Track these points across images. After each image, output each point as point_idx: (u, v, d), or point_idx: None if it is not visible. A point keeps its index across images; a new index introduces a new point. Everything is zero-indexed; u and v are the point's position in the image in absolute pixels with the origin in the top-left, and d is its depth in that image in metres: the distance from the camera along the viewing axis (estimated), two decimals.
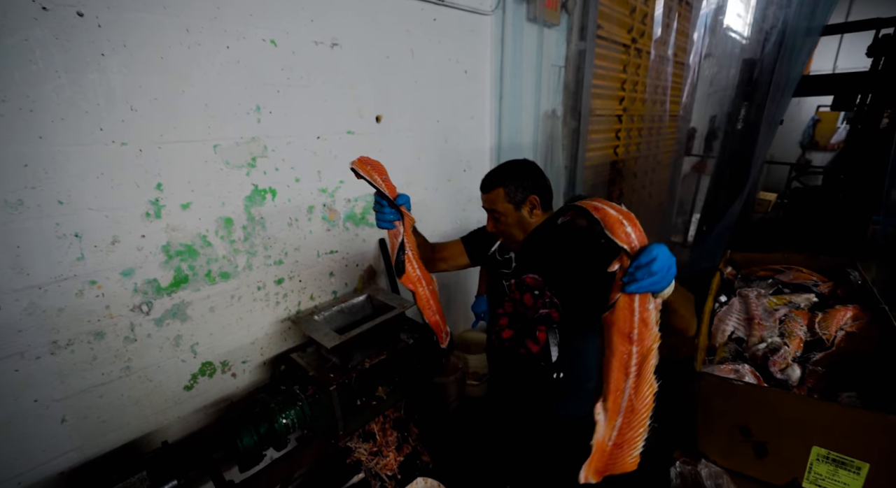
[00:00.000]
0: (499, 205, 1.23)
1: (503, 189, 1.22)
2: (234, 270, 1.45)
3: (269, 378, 1.62)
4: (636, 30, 3.35)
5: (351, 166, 1.11)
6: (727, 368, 1.11)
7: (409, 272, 1.16)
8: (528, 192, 1.20)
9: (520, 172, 1.24)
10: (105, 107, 1.10)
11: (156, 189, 1.22)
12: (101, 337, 1.20)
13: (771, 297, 1.44)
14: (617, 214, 0.77)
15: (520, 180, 1.21)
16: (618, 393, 0.77)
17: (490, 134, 2.39)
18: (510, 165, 1.28)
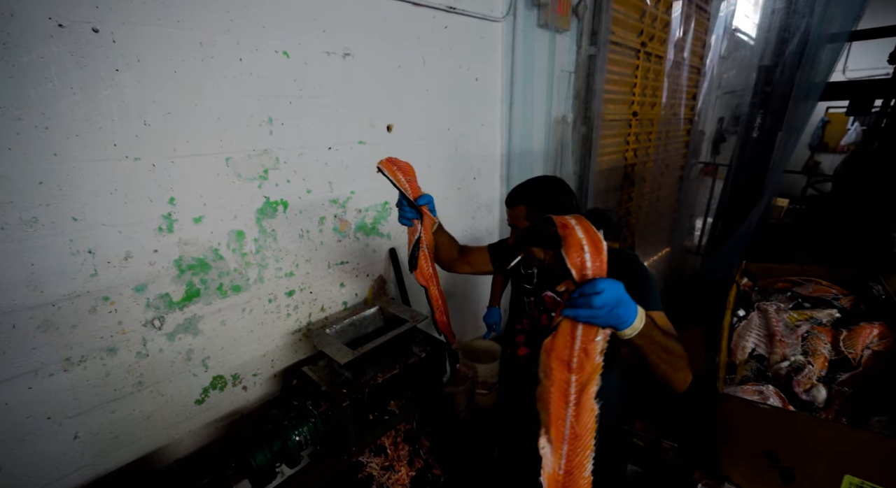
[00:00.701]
0: (520, 221, 1.21)
1: (525, 206, 1.19)
2: (246, 283, 1.44)
3: (279, 390, 1.61)
4: (646, 33, 3.32)
5: (378, 165, 1.18)
6: (750, 389, 1.08)
7: (422, 267, 1.21)
8: (549, 211, 1.18)
9: (544, 190, 1.21)
10: (119, 122, 1.09)
11: (168, 203, 1.22)
12: (114, 352, 1.19)
13: (791, 312, 1.41)
14: (582, 238, 0.75)
15: (543, 199, 1.18)
16: (559, 423, 0.76)
17: (500, 141, 2.38)
18: (535, 182, 1.25)
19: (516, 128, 2.38)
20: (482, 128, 2.23)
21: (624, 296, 0.74)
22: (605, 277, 0.74)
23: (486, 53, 2.13)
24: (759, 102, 2.50)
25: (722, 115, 5.62)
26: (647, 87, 3.60)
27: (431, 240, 1.25)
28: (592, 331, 0.74)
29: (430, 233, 1.25)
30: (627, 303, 0.74)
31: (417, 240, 1.18)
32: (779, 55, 2.38)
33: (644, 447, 1.36)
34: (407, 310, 1.61)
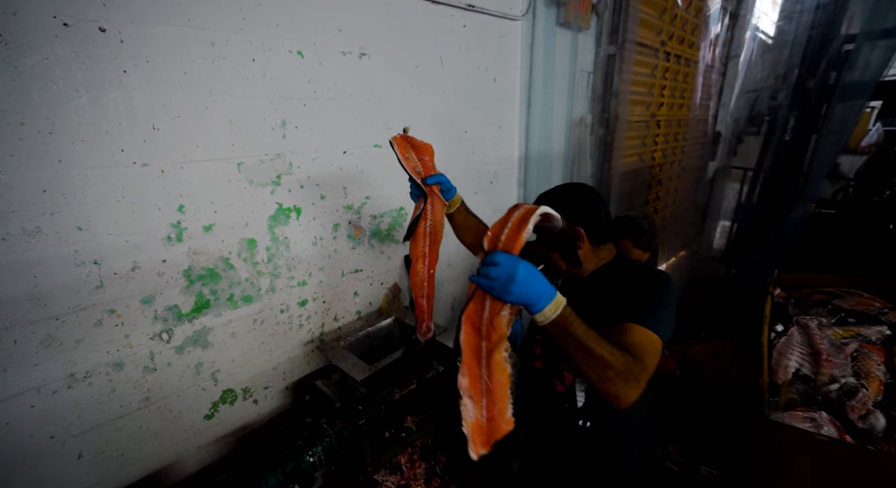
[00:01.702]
0: None
1: None
2: (257, 293, 1.38)
3: (290, 403, 1.55)
4: (665, 32, 3.22)
5: (390, 139, 1.15)
6: (800, 415, 1.00)
7: (417, 242, 1.16)
8: (575, 223, 1.10)
9: (569, 198, 1.14)
10: (127, 126, 1.03)
11: (177, 211, 1.16)
12: (120, 367, 1.14)
13: (836, 328, 1.32)
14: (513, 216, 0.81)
15: (567, 207, 1.11)
16: (475, 379, 0.82)
17: (518, 143, 2.30)
18: (562, 190, 1.18)
19: (534, 131, 2.30)
20: (500, 131, 2.16)
21: (522, 275, 0.75)
22: (511, 254, 0.77)
23: (505, 53, 2.06)
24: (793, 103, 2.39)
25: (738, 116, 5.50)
26: (666, 88, 3.50)
27: (440, 220, 1.19)
28: (498, 304, 0.80)
29: (440, 214, 1.19)
30: (528, 284, 0.76)
31: (419, 214, 1.15)
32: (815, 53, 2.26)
33: (679, 472, 1.28)
34: None
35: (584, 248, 1.10)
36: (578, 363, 0.82)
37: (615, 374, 0.80)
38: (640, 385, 0.82)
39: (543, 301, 0.78)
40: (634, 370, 0.81)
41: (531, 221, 0.79)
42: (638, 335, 0.89)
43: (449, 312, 2.18)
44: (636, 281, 1.04)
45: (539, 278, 0.78)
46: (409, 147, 1.17)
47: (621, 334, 0.90)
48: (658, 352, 0.89)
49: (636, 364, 0.82)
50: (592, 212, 1.10)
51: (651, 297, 0.98)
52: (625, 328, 0.90)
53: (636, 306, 0.94)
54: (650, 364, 0.86)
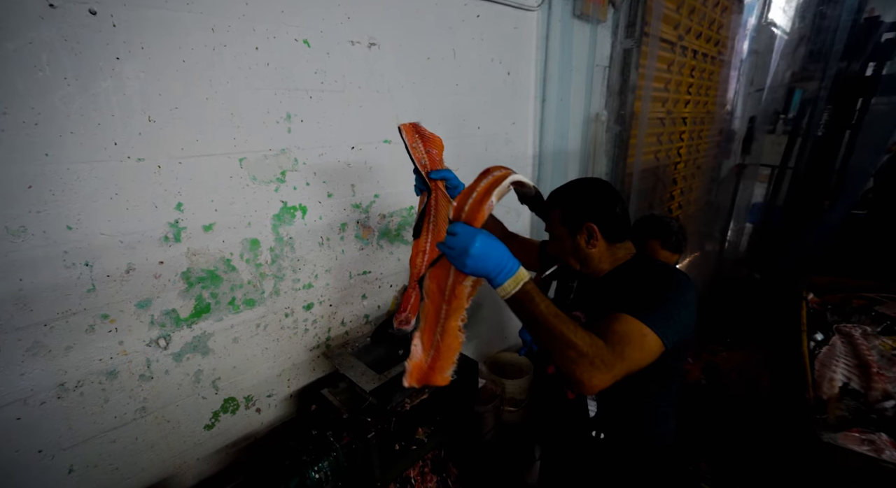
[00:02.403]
0: (556, 227, 1.08)
1: (560, 210, 1.06)
2: (261, 297, 1.31)
3: (295, 412, 1.47)
4: (683, 26, 3.12)
5: (399, 126, 1.11)
6: (856, 436, 0.91)
7: (420, 235, 1.15)
8: (586, 218, 1.02)
9: (581, 194, 1.06)
10: (120, 118, 0.96)
11: (175, 209, 1.09)
12: (114, 376, 1.06)
13: (883, 338, 1.22)
14: (479, 186, 0.80)
15: (578, 202, 1.04)
16: (430, 333, 0.85)
17: (532, 140, 2.21)
18: (574, 184, 1.11)
19: (549, 127, 2.21)
20: (513, 127, 2.07)
21: (476, 248, 0.75)
22: (469, 226, 0.78)
23: (520, 45, 1.97)
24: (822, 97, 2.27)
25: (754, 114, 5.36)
26: (682, 84, 3.40)
27: (444, 216, 1.15)
28: (461, 275, 0.81)
29: (444, 210, 1.14)
30: (482, 258, 0.76)
31: (422, 211, 1.13)
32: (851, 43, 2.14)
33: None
34: None
35: (599, 246, 1.02)
36: (542, 342, 0.80)
37: (577, 355, 0.76)
38: (610, 372, 0.77)
39: (503, 275, 0.78)
40: (604, 355, 0.77)
41: (494, 194, 0.78)
42: (624, 324, 0.84)
43: None
44: (646, 277, 0.97)
45: (497, 252, 0.78)
46: (417, 137, 1.13)
47: (607, 321, 0.86)
48: (646, 347, 0.83)
49: (608, 350, 0.78)
50: (607, 207, 1.02)
51: (654, 293, 0.91)
52: (613, 317, 0.86)
53: (634, 299, 0.89)
54: (630, 355, 0.81)
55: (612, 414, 1.10)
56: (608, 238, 1.03)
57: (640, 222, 1.42)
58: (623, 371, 0.80)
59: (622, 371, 0.79)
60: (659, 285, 0.94)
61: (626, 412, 1.08)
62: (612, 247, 1.04)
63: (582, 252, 1.05)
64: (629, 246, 1.08)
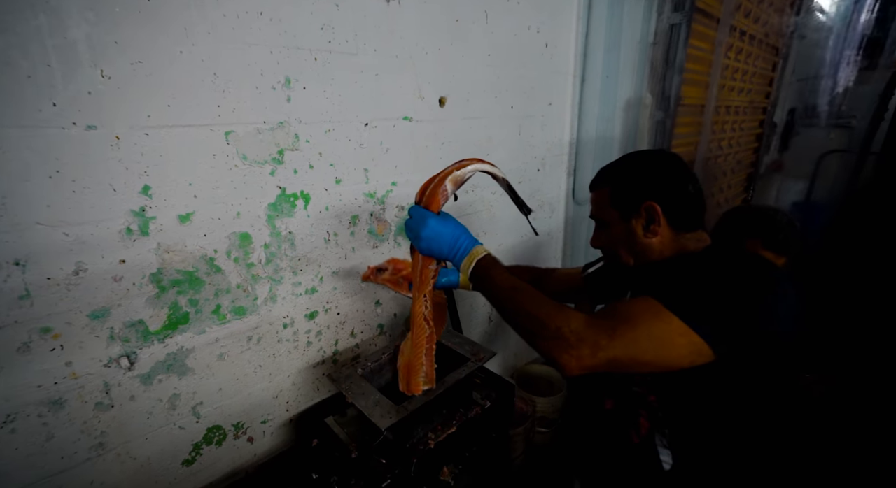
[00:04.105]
0: (604, 210, 0.86)
1: (611, 189, 0.84)
2: (253, 304, 1.07)
3: (294, 440, 1.23)
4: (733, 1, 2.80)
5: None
6: None
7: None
8: (645, 196, 0.79)
9: (639, 166, 0.83)
10: (60, 71, 0.72)
11: (141, 194, 0.85)
12: (60, 406, 0.83)
13: None
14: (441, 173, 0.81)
15: (636, 177, 0.81)
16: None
17: (569, 125, 1.94)
18: (630, 157, 0.88)
19: (589, 110, 1.94)
20: (550, 109, 1.80)
21: (426, 231, 0.78)
22: (422, 209, 0.81)
23: (560, 13, 1.70)
24: None
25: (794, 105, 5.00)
26: (729, 68, 3.08)
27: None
28: (427, 258, 0.85)
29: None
30: (433, 240, 0.78)
31: None
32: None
33: None
34: (465, 342, 1.20)
35: (661, 235, 0.79)
36: (510, 323, 0.74)
37: (541, 328, 0.66)
38: (593, 349, 0.63)
39: (459, 256, 0.78)
40: (582, 329, 0.64)
41: (448, 180, 0.79)
42: (634, 302, 0.68)
43: (486, 324, 1.84)
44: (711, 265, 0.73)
45: (448, 233, 0.78)
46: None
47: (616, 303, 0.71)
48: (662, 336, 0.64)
49: (591, 323, 0.64)
50: (674, 182, 0.79)
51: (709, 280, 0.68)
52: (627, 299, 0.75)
53: (674, 283, 0.70)
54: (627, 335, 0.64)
55: (698, 468, 0.83)
56: (675, 224, 0.79)
57: (733, 215, 1.14)
58: (616, 352, 0.63)
59: (615, 352, 0.63)
60: (723, 274, 0.70)
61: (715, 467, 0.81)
62: (678, 238, 0.80)
63: (638, 242, 0.81)
64: (703, 237, 0.82)
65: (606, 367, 0.64)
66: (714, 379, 0.72)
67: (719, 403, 0.75)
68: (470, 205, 1.57)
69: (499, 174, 0.84)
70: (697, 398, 0.77)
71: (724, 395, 0.74)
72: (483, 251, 0.78)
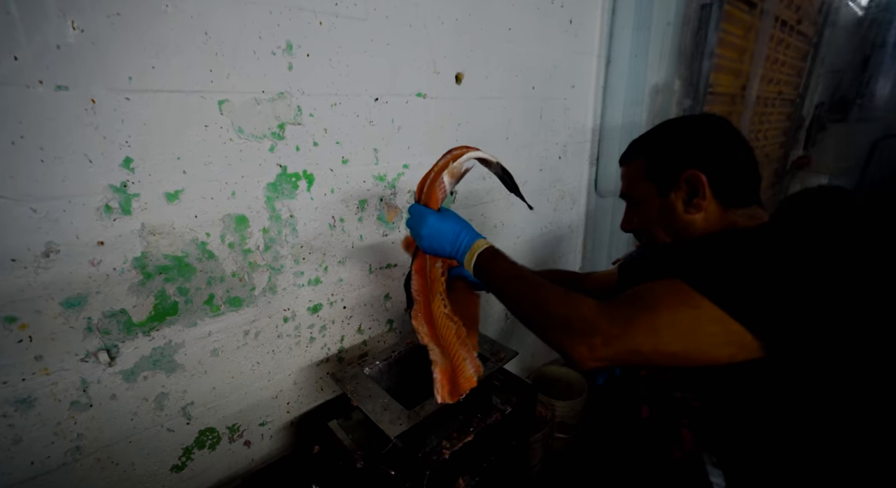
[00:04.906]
0: (637, 185, 0.75)
1: (645, 159, 0.73)
2: (250, 294, 0.97)
3: (295, 444, 1.13)
4: None
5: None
6: None
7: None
8: (686, 164, 0.67)
9: (679, 133, 0.71)
10: (21, 18, 0.63)
11: (122, 167, 0.75)
12: (29, 405, 0.74)
13: None
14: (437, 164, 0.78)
15: (675, 144, 0.70)
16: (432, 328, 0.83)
17: (593, 110, 1.81)
18: (667, 124, 0.75)
19: (615, 95, 1.81)
20: (572, 91, 1.68)
21: (425, 229, 0.74)
22: (422, 206, 0.77)
23: None
24: None
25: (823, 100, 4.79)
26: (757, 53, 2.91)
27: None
28: (433, 257, 0.82)
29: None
30: (432, 237, 0.74)
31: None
32: None
33: None
34: (483, 340, 1.09)
35: (706, 210, 0.68)
36: (517, 315, 0.68)
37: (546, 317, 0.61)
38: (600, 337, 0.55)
39: (461, 252, 0.74)
40: (591, 315, 0.57)
41: (445, 173, 0.76)
42: (656, 285, 0.58)
43: (503, 321, 1.72)
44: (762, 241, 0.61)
45: (450, 231, 0.74)
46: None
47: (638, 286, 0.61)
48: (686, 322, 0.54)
49: (603, 309, 0.57)
50: (723, 149, 0.67)
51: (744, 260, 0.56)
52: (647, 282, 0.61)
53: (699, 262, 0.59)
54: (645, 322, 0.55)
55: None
56: (722, 197, 0.67)
57: (803, 197, 1.00)
58: (635, 343, 0.54)
59: (633, 342, 0.54)
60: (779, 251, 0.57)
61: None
62: (727, 214, 0.68)
63: (678, 219, 0.70)
64: (759, 214, 0.69)
65: (627, 359, 0.56)
66: (768, 380, 0.60)
67: (778, 412, 0.63)
68: (487, 192, 1.46)
69: (492, 159, 0.79)
70: (751, 404, 0.65)
71: (784, 402, 0.61)
72: (484, 244, 0.73)
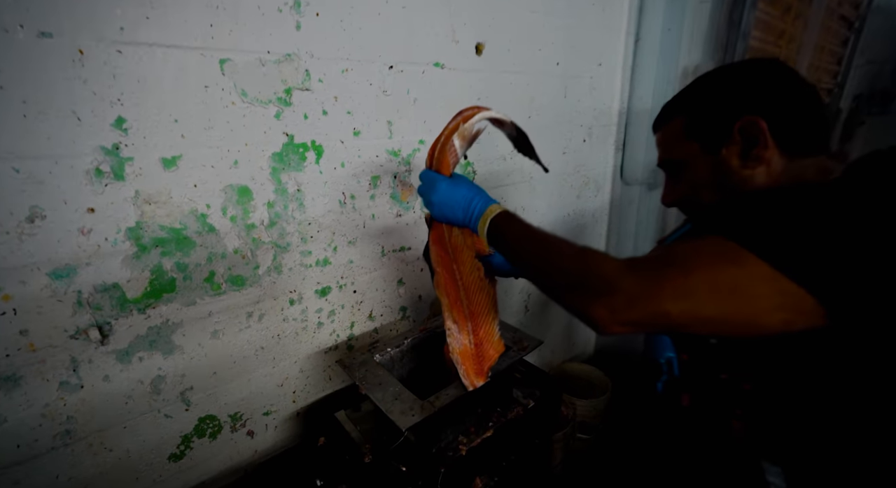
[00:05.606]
0: (677, 147, 0.64)
1: (684, 118, 0.63)
2: (254, 273, 0.90)
3: (301, 436, 1.07)
4: None
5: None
6: None
7: None
8: (739, 113, 0.57)
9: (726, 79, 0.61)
10: None
11: (114, 127, 0.69)
12: (14, 383, 0.69)
13: None
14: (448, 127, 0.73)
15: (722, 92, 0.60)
16: (458, 304, 0.80)
17: (620, 91, 1.71)
18: (708, 75, 0.64)
19: (643, 76, 1.70)
20: (599, 70, 1.58)
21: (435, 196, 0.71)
22: (433, 172, 0.74)
23: None
24: None
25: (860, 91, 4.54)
26: (795, 40, 2.75)
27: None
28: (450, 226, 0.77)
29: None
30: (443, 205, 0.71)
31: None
32: None
33: None
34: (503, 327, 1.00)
35: (768, 161, 0.57)
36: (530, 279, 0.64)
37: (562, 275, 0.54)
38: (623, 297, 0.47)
39: (474, 219, 0.69)
40: (611, 274, 0.49)
41: (455, 136, 0.71)
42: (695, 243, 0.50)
43: (522, 313, 1.63)
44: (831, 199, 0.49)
45: (462, 197, 0.70)
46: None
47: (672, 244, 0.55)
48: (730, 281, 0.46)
49: (626, 268, 0.49)
50: (782, 90, 0.56)
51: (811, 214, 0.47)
52: None
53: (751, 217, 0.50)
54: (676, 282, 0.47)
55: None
56: (787, 146, 0.56)
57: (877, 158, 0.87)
58: (664, 304, 0.46)
59: (661, 304, 0.46)
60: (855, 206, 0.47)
61: None
62: (794, 165, 0.57)
63: (733, 176, 0.59)
64: (831, 166, 0.57)
65: (654, 324, 0.48)
66: (834, 356, 0.50)
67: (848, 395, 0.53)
68: (508, 175, 1.37)
69: (505, 119, 0.74)
70: (814, 386, 0.54)
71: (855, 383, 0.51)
72: (498, 208, 0.67)
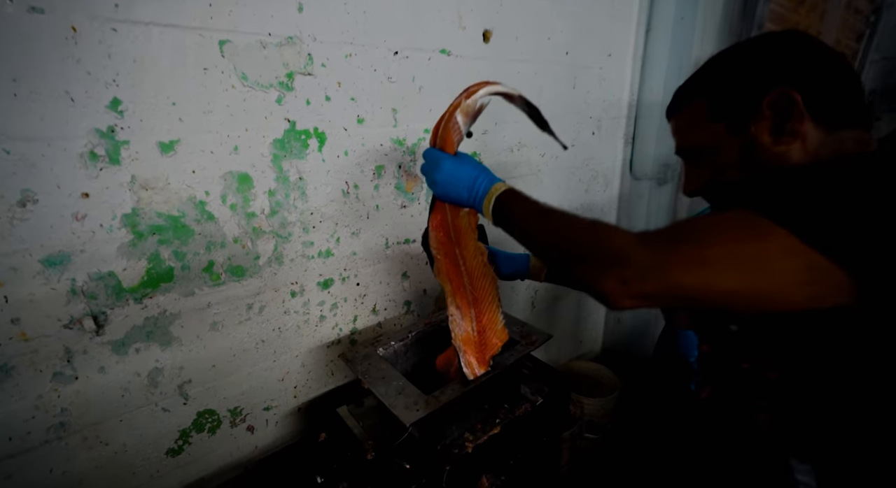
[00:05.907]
0: (698, 131, 0.59)
1: (707, 101, 0.57)
2: (254, 264, 0.88)
3: (303, 432, 1.04)
4: None
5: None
6: None
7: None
8: (769, 86, 0.52)
9: (748, 54, 0.56)
10: None
11: (109, 109, 0.67)
12: (5, 374, 0.66)
13: None
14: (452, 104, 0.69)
15: (747, 68, 0.54)
16: (461, 290, 0.79)
17: (630, 83, 1.67)
18: (726, 52, 0.58)
19: (655, 67, 1.65)
20: (609, 60, 1.54)
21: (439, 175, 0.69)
22: (436, 150, 0.71)
23: None
24: None
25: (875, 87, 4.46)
26: (811, 30, 2.70)
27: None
28: (455, 208, 0.75)
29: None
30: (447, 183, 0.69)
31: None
32: None
33: None
34: (511, 321, 0.97)
35: (803, 135, 0.51)
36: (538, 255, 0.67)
37: (571, 247, 0.52)
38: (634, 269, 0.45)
39: (479, 198, 0.67)
40: (622, 244, 0.47)
41: (458, 112, 0.68)
42: (715, 215, 0.48)
43: (528, 310, 1.60)
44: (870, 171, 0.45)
45: (467, 175, 0.68)
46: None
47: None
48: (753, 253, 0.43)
49: (639, 239, 0.47)
50: (814, 63, 0.52)
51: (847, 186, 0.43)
52: None
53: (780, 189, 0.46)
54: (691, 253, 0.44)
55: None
56: (820, 118, 0.51)
57: None
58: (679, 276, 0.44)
59: (676, 275, 0.44)
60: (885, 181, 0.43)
61: None
62: (833, 138, 0.52)
63: (765, 154, 0.53)
64: (868, 139, 0.53)
65: (670, 297, 0.46)
66: (870, 338, 0.46)
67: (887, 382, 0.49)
68: (515, 167, 1.34)
69: (513, 93, 0.70)
70: (849, 373, 0.51)
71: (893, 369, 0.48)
72: (504, 186, 0.66)
